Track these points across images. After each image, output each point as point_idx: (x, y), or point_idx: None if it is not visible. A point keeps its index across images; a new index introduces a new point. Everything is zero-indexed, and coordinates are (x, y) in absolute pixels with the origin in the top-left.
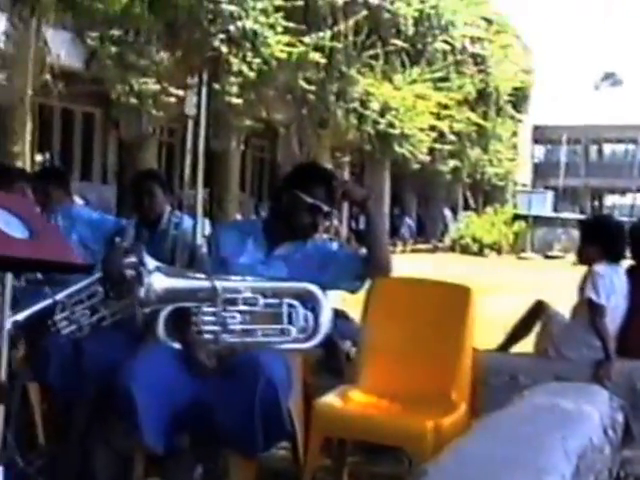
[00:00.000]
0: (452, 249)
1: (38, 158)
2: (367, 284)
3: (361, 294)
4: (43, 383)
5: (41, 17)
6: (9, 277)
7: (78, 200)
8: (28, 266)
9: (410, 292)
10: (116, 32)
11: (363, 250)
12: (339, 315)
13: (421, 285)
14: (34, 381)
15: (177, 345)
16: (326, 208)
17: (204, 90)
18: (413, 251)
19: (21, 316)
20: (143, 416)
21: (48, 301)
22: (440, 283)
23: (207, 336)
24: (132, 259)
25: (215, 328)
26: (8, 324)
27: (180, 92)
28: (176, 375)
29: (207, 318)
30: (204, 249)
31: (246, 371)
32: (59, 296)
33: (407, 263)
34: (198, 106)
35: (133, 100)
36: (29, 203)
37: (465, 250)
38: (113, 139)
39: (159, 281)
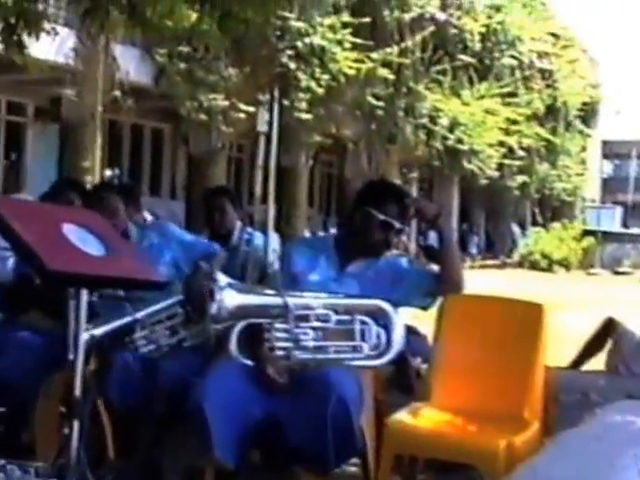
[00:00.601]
0: (521, 265)
1: (107, 173)
2: (439, 301)
3: (431, 310)
4: (109, 398)
5: (110, 34)
6: (84, 293)
7: (147, 216)
8: (104, 283)
9: (482, 309)
10: (185, 48)
11: (434, 266)
12: (410, 331)
13: (493, 302)
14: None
15: (249, 361)
16: (398, 225)
17: (275, 107)
18: (481, 267)
19: (99, 331)
20: (215, 432)
21: (128, 318)
22: (513, 300)
23: (279, 352)
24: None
25: (287, 344)
26: (83, 340)
27: (249, 108)
28: (248, 391)
29: (279, 334)
30: (276, 265)
31: (317, 388)
32: (140, 315)
33: (476, 279)
34: (270, 123)
35: (202, 116)
36: (105, 220)
37: (534, 266)
38: (182, 155)
39: (231, 298)
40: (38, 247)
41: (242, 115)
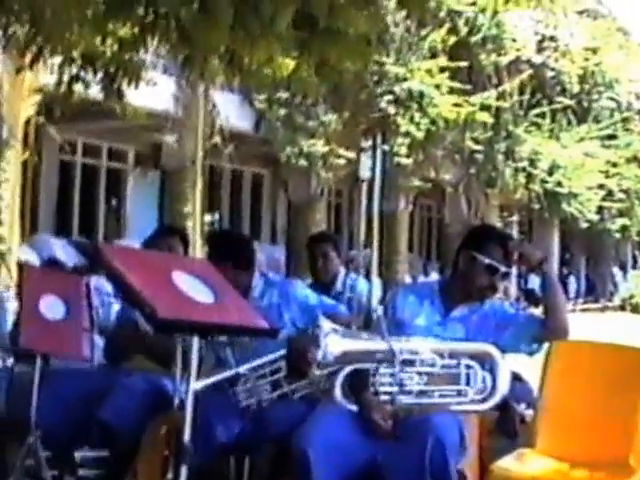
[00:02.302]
0: (622, 308)
1: (207, 218)
2: (545, 346)
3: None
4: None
5: (209, 81)
6: (195, 341)
7: None
8: (214, 330)
9: (589, 356)
10: (283, 94)
11: (538, 311)
12: (514, 377)
13: (600, 349)
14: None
15: (354, 407)
16: (503, 269)
17: (378, 153)
18: (582, 311)
19: (201, 384)
20: (318, 476)
21: (231, 372)
22: (620, 347)
23: (384, 397)
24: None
25: (392, 389)
26: (193, 387)
27: (349, 154)
28: (352, 436)
29: (384, 379)
30: (380, 311)
31: (416, 432)
32: (242, 369)
33: (577, 323)
34: (372, 169)
35: (302, 161)
36: (213, 267)
37: (635, 310)
38: (282, 200)
39: (336, 343)
40: (149, 295)
41: (341, 161)
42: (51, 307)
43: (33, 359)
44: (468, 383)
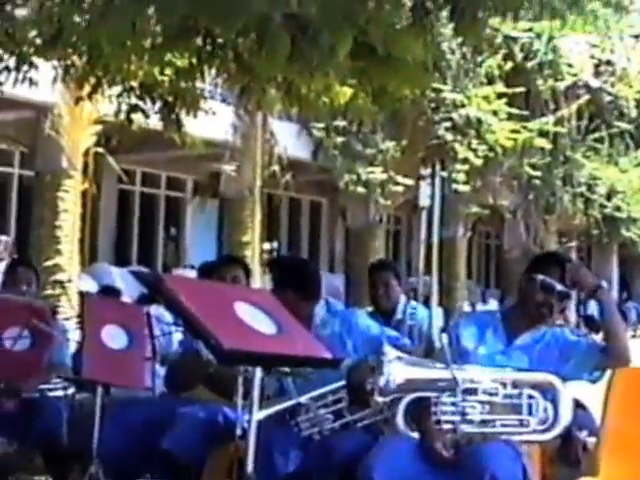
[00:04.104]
0: None
1: (266, 247)
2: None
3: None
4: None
5: (267, 110)
6: (258, 372)
7: None
8: (277, 361)
9: None
10: (341, 123)
11: (598, 337)
12: (576, 405)
13: None
14: None
15: (416, 435)
16: (559, 287)
17: (437, 180)
18: None
19: (262, 414)
20: None
21: (292, 402)
22: None
23: (446, 426)
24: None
25: (454, 418)
26: (257, 417)
27: (407, 181)
28: (415, 465)
29: (446, 408)
30: (443, 339)
31: (478, 462)
32: (304, 398)
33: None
34: (432, 196)
35: (360, 189)
36: (274, 298)
37: None
38: (340, 227)
39: (399, 371)
40: (213, 326)
41: (399, 188)
42: (113, 337)
43: (94, 388)
44: (530, 413)
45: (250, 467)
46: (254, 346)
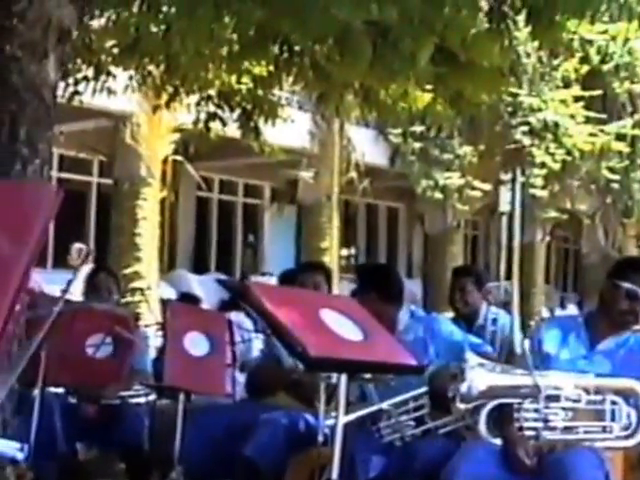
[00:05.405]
0: None
1: (344, 253)
2: None
3: None
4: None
5: (344, 116)
6: (343, 378)
7: None
8: (363, 367)
9: None
10: (418, 128)
11: None
12: None
13: None
14: None
15: (497, 441)
16: None
17: (517, 185)
18: None
19: (347, 419)
20: None
21: (375, 408)
22: None
23: (528, 433)
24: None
25: (536, 425)
26: (342, 424)
27: (484, 186)
28: (498, 472)
29: (528, 415)
30: (525, 345)
31: (561, 469)
32: (386, 404)
33: None
34: (512, 202)
35: (438, 194)
36: (359, 305)
37: None
38: (418, 233)
39: (481, 378)
40: (299, 333)
41: (477, 193)
42: (195, 343)
43: (175, 395)
44: (613, 419)
45: (335, 473)
46: (340, 353)
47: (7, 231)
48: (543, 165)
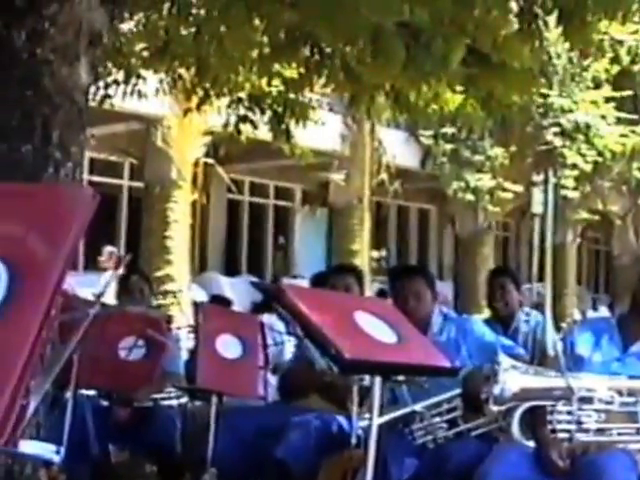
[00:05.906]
0: None
1: (374, 255)
2: None
3: None
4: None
5: (375, 118)
6: (377, 381)
7: None
8: (398, 370)
9: None
10: (449, 130)
11: None
12: None
13: None
14: None
15: (531, 444)
16: None
17: (550, 187)
18: None
19: (380, 421)
20: None
21: (408, 410)
22: None
23: (561, 435)
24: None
25: (570, 427)
26: (376, 427)
27: (516, 187)
28: (531, 474)
29: (561, 417)
30: (558, 347)
31: (594, 472)
32: (418, 406)
33: None
34: (545, 203)
35: (469, 196)
36: (394, 307)
37: None
38: (449, 235)
39: (514, 380)
40: (334, 335)
41: (508, 194)
42: (228, 346)
43: (207, 397)
44: None
45: (370, 475)
46: (375, 355)
47: (44, 234)
48: (574, 166)
